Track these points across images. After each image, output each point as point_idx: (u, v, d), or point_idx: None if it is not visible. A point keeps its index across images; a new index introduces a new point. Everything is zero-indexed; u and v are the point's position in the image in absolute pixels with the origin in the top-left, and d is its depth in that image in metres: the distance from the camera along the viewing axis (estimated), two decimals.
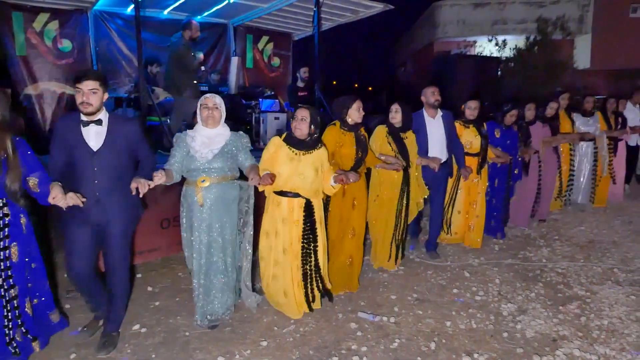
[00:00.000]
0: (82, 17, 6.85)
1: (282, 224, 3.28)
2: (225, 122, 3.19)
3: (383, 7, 7.25)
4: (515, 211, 5.38)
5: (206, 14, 7.80)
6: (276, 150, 3.23)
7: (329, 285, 3.50)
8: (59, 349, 2.90)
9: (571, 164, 6.07)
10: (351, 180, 3.30)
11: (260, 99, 7.39)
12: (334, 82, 26.79)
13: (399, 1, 7.91)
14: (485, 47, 12.79)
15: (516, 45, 11.77)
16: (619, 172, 6.51)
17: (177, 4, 7.08)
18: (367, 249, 4.31)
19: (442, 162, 4.32)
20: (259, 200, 3.42)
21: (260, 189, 3.21)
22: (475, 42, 14.48)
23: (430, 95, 4.33)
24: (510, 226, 5.42)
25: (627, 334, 3.06)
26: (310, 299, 3.38)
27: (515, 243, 4.95)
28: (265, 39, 8.91)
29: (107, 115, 2.80)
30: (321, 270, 3.40)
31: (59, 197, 2.46)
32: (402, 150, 4.05)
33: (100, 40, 7.10)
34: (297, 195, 3.24)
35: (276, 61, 9.17)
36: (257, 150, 4.08)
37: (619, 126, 6.37)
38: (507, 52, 11.86)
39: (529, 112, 5.26)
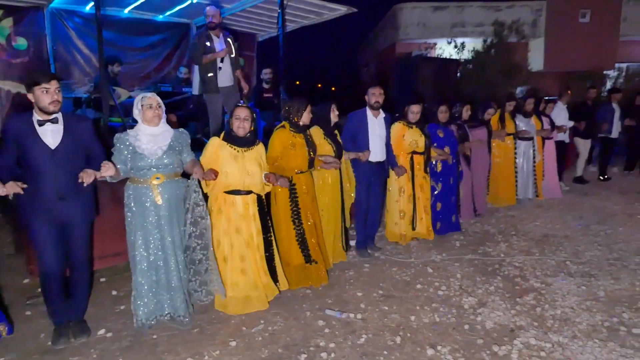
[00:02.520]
0: (38, 14, 6.63)
1: (242, 221, 3.39)
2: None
3: (346, 10, 7.34)
4: (461, 206, 5.63)
5: (168, 13, 7.69)
6: (216, 151, 3.32)
7: (281, 282, 3.67)
8: None
9: (515, 162, 6.41)
10: (279, 184, 3.51)
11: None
12: (297, 83, 26.86)
13: (362, 3, 8.03)
14: (445, 49, 13.13)
15: (474, 48, 12.13)
16: (548, 168, 6.90)
17: (138, 2, 6.95)
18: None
19: (381, 161, 4.49)
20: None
21: (205, 188, 3.32)
22: (435, 44, 14.83)
23: (372, 96, 4.41)
24: (471, 222, 5.63)
25: (578, 322, 3.24)
26: (275, 281, 3.59)
27: (475, 239, 5.14)
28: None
29: (60, 114, 2.86)
30: (274, 260, 3.61)
31: None
32: (339, 149, 4.19)
33: (57, 38, 6.89)
34: (249, 192, 3.40)
35: (240, 62, 9.11)
36: None
37: (548, 126, 6.76)
38: (466, 54, 12.21)
39: (466, 112, 5.62)
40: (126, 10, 7.29)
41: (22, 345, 3.00)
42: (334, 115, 4.15)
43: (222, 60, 5.35)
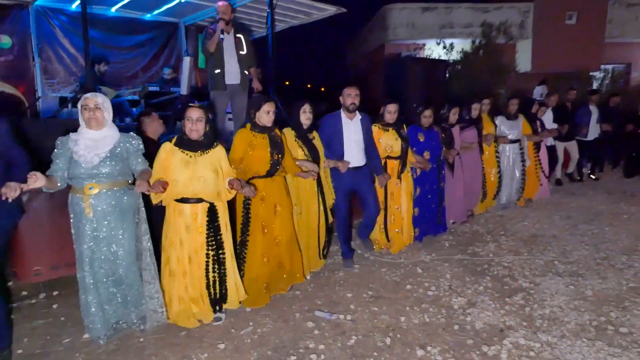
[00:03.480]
0: (22, 12, 6.54)
1: (187, 232, 3.12)
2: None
3: (336, 10, 7.35)
4: (449, 209, 5.38)
5: (156, 12, 7.62)
6: (167, 157, 3.04)
7: (239, 297, 3.38)
8: None
9: (498, 165, 6.10)
10: (244, 192, 3.20)
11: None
12: (287, 83, 26.82)
13: (351, 3, 8.02)
14: (434, 50, 13.18)
15: (463, 49, 12.20)
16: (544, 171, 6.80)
17: (125, 1, 6.88)
18: None
19: (359, 166, 4.23)
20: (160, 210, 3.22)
21: (154, 199, 3.05)
22: (424, 44, 14.89)
23: (347, 97, 4.12)
24: (457, 224, 5.65)
25: (566, 321, 3.26)
26: (217, 304, 3.29)
27: (464, 239, 5.15)
28: None
29: None
30: (227, 280, 3.26)
31: None
32: (314, 154, 3.91)
33: (42, 37, 6.79)
34: (200, 200, 3.10)
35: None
36: None
37: (540, 129, 6.56)
38: (455, 55, 12.28)
39: (453, 116, 5.27)
40: (113, 9, 7.21)
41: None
42: (304, 117, 3.83)
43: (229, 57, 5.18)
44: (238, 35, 5.28)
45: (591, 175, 8.46)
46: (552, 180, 7.67)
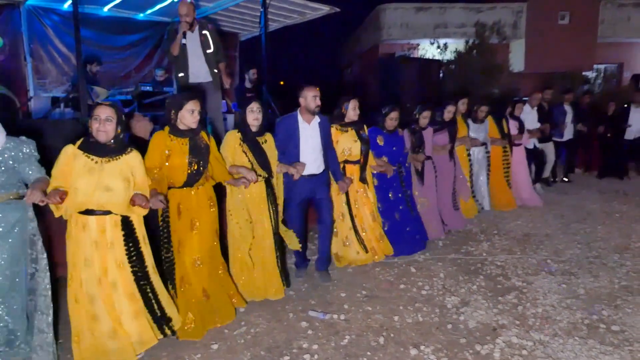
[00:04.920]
0: (14, 11, 6.50)
1: (94, 249, 2.66)
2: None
3: (329, 9, 7.36)
4: (427, 223, 4.93)
5: (149, 11, 7.59)
6: (68, 162, 2.63)
7: (175, 319, 2.98)
8: None
9: (470, 170, 5.91)
10: (151, 207, 2.76)
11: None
12: (281, 83, 26.76)
13: (345, 3, 8.04)
14: (428, 49, 13.21)
15: (456, 49, 12.23)
16: (517, 176, 6.40)
17: (117, 1, 6.84)
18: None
19: (317, 173, 3.86)
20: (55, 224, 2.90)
21: (55, 212, 2.65)
22: (418, 44, 14.92)
23: (312, 100, 3.72)
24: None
25: (559, 320, 3.27)
26: (163, 322, 2.93)
27: (458, 238, 5.17)
28: None
29: None
30: (159, 296, 2.91)
31: None
32: (262, 159, 3.50)
33: (34, 37, 6.75)
34: (108, 212, 2.67)
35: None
36: None
37: (517, 131, 6.33)
38: (449, 55, 12.31)
39: (424, 119, 4.87)
40: (106, 9, 7.18)
41: None
42: (252, 117, 3.44)
43: (192, 58, 4.91)
44: (204, 32, 4.94)
45: (564, 178, 8.14)
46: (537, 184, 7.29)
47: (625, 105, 8.35)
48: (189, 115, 3.01)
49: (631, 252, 4.61)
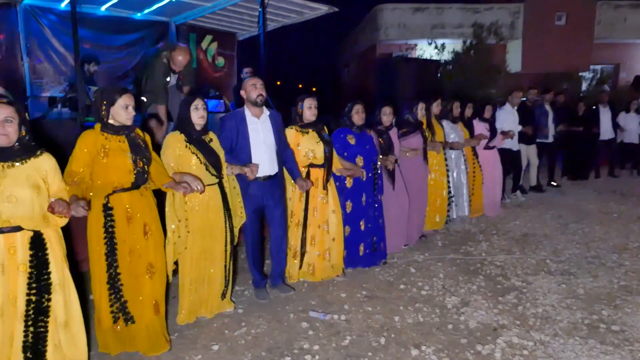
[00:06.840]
0: (10, 11, 6.42)
1: (0, 274, 2.23)
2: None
3: (327, 9, 7.34)
4: (390, 233, 4.49)
5: (147, 11, 7.54)
6: None
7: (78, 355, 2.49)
8: None
9: (447, 175, 5.46)
10: (73, 214, 2.33)
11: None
12: (278, 83, 26.75)
13: (343, 3, 8.03)
14: (426, 50, 13.23)
15: (454, 49, 12.26)
16: (488, 181, 5.96)
17: (115, 0, 6.81)
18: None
19: (271, 175, 3.53)
20: None
21: None
22: (416, 45, 14.95)
23: (251, 89, 3.38)
24: (455, 219, 5.64)
25: (559, 320, 3.28)
26: None
27: (457, 238, 5.17)
28: (209, 38, 8.75)
29: None
30: (48, 339, 2.36)
31: None
32: (213, 159, 3.16)
33: (31, 36, 6.70)
34: (17, 228, 2.25)
35: (220, 61, 9.04)
36: None
37: (486, 132, 5.89)
38: (446, 56, 12.33)
39: (386, 117, 4.46)
40: (103, 8, 7.12)
41: None
42: (196, 116, 3.10)
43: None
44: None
45: (552, 182, 7.80)
46: (507, 191, 6.91)
47: (594, 107, 8.25)
48: (123, 112, 2.68)
49: (629, 252, 4.63)
